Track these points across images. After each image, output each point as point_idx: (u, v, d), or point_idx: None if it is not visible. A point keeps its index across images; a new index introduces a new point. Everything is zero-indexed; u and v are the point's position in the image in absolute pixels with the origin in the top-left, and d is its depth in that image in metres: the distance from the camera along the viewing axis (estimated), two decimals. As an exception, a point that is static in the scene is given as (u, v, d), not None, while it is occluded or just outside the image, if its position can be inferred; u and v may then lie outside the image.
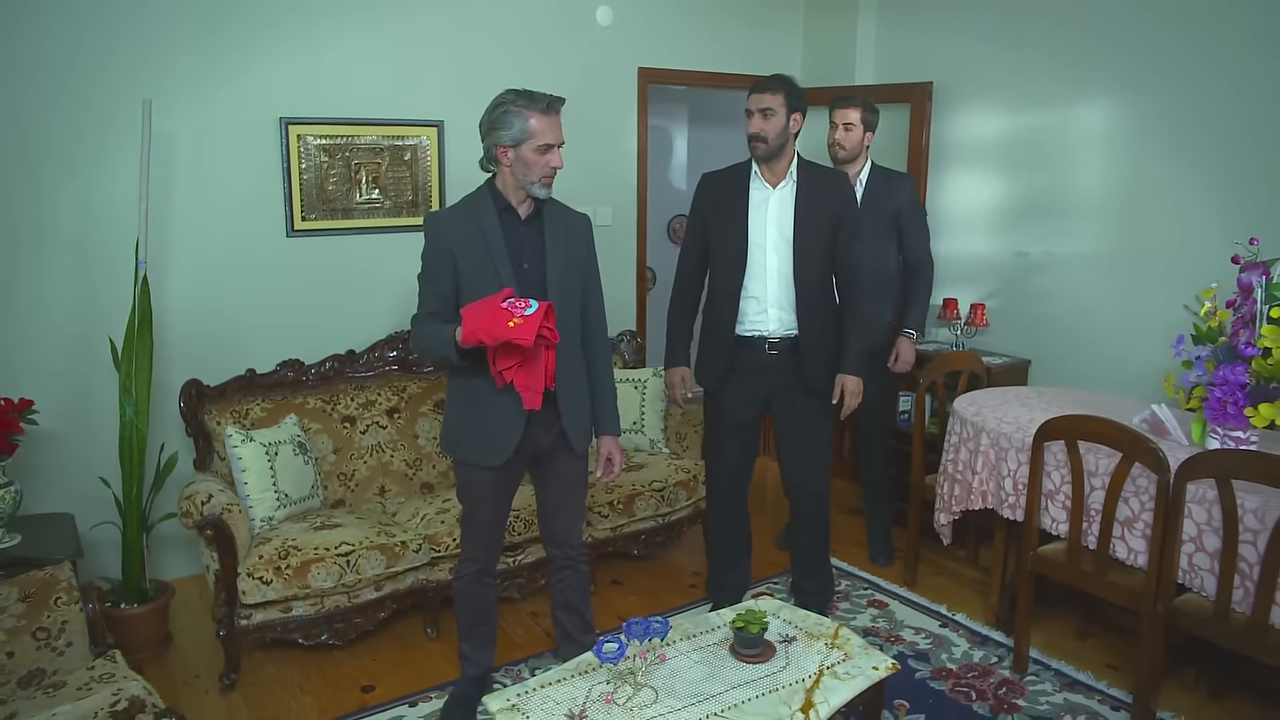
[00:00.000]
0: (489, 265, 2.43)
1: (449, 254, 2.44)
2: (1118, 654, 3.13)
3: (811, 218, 2.99)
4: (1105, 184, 3.88)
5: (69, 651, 2.29)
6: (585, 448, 2.67)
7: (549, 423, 2.56)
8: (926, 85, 4.41)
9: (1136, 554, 2.71)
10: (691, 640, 2.41)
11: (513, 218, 2.49)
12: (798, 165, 3.01)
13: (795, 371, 3.05)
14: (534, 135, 2.37)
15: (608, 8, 4.34)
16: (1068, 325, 4.04)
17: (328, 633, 3.05)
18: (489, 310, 2.24)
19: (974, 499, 3.24)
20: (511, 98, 2.39)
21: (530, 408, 2.41)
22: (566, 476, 2.68)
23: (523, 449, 2.55)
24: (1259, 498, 2.44)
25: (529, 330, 2.19)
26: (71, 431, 3.31)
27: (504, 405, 2.45)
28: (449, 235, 2.45)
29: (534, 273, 2.49)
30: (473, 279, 2.43)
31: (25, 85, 3.13)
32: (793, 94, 2.93)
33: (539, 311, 2.21)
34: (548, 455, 2.63)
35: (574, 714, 2.08)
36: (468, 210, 2.49)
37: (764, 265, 3.00)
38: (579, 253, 2.58)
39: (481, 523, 2.65)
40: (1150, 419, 2.99)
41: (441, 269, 2.46)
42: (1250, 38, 3.37)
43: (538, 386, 2.38)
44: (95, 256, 3.31)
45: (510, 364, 2.33)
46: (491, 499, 2.61)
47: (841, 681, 2.24)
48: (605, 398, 2.69)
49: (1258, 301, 2.72)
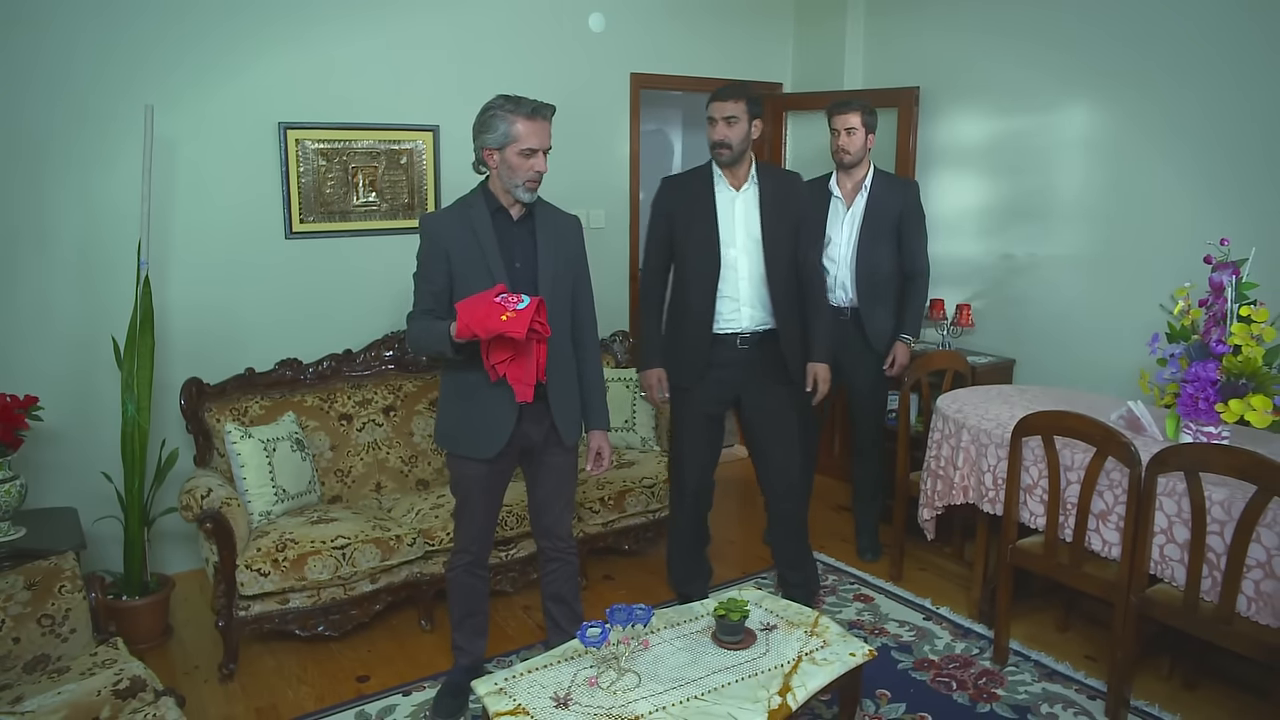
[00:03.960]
0: (482, 264, 2.51)
1: (443, 253, 2.53)
2: (1097, 646, 3.20)
3: (777, 218, 3.11)
4: (1087, 187, 3.96)
5: (72, 638, 2.37)
6: (574, 441, 2.74)
7: (539, 417, 2.63)
8: (913, 90, 4.50)
9: (1110, 546, 2.78)
10: (675, 628, 2.49)
11: (505, 218, 2.58)
12: (756, 168, 3.14)
13: (765, 364, 3.17)
14: (517, 139, 2.45)
15: (600, 14, 4.43)
16: (1050, 325, 4.12)
17: (324, 624, 3.13)
18: (483, 304, 2.33)
19: (956, 494, 3.31)
20: (500, 103, 2.48)
21: (522, 400, 2.49)
22: (556, 470, 2.75)
23: (513, 442, 2.63)
24: (1226, 490, 2.51)
25: (521, 324, 2.28)
26: (75, 428, 3.39)
27: (496, 399, 2.53)
28: (443, 235, 2.53)
29: (526, 271, 2.57)
30: (466, 278, 2.51)
31: (25, 86, 3.21)
32: (753, 100, 3.04)
33: (531, 306, 2.30)
34: (538, 449, 2.70)
35: (559, 697, 2.16)
36: (462, 211, 2.58)
37: (735, 266, 3.10)
38: (570, 252, 2.67)
39: (473, 515, 2.72)
40: (1127, 415, 3.06)
41: (436, 268, 2.54)
42: (1227, 45, 3.45)
43: (529, 380, 2.47)
44: (97, 257, 3.40)
45: (503, 358, 2.41)
46: (483, 491, 2.69)
47: (819, 667, 2.32)
48: (594, 392, 2.77)
49: (1228, 300, 2.80)
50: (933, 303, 4.44)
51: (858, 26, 4.84)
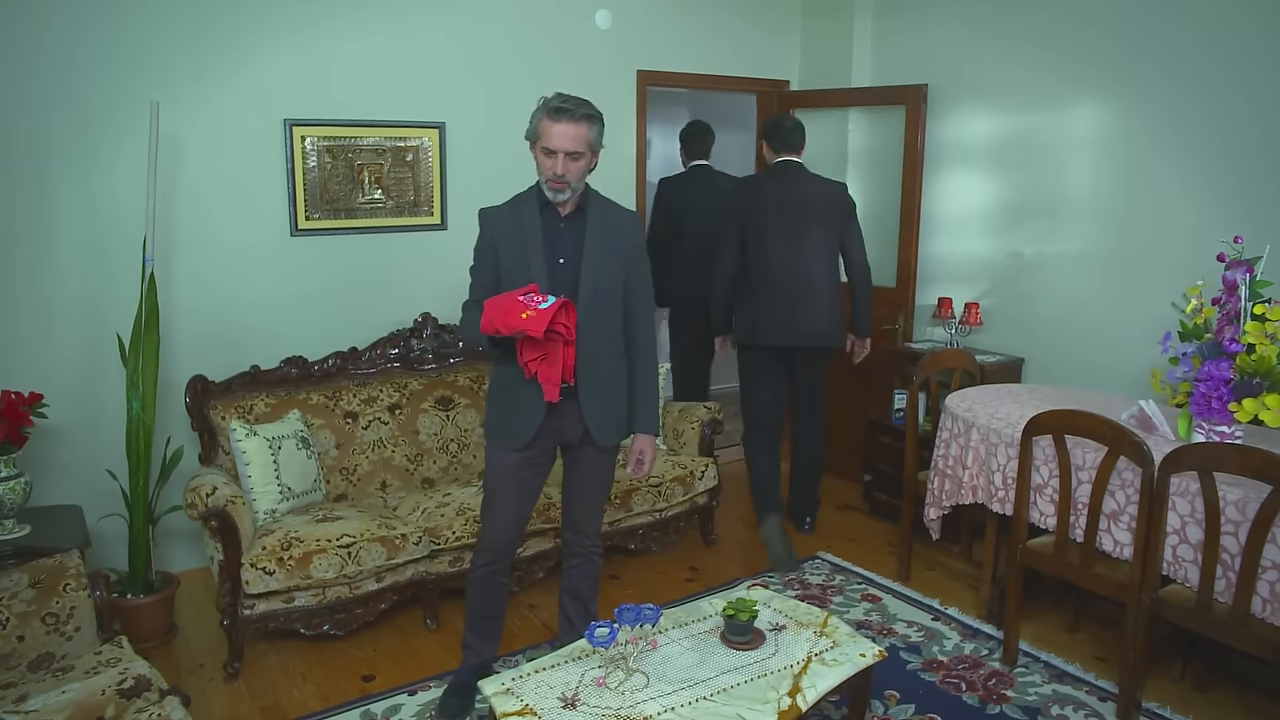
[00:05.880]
0: (524, 259, 2.53)
1: (492, 246, 2.57)
2: (1107, 646, 3.18)
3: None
4: (1097, 184, 3.93)
5: (77, 637, 2.35)
6: (611, 442, 2.71)
7: (575, 415, 2.63)
8: (922, 87, 4.47)
9: (1122, 546, 2.75)
10: (683, 628, 2.47)
11: (553, 214, 2.57)
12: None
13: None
14: (539, 137, 2.47)
15: (607, 11, 4.41)
16: (1060, 323, 4.09)
17: (329, 623, 3.12)
18: (507, 301, 2.37)
19: (964, 494, 3.29)
20: (543, 99, 2.49)
21: (549, 399, 2.50)
22: (590, 468, 2.75)
23: (547, 437, 2.63)
24: (1240, 490, 2.49)
25: (540, 323, 2.29)
26: (79, 425, 3.38)
27: (528, 392, 2.55)
28: (493, 229, 2.58)
29: (570, 267, 2.56)
30: (511, 271, 2.54)
31: (27, 83, 3.19)
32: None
33: (553, 306, 2.32)
34: (576, 445, 2.71)
35: (567, 697, 2.14)
36: (515, 206, 2.60)
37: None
38: (621, 249, 2.63)
39: (499, 507, 2.71)
40: (1138, 415, 3.03)
41: (486, 261, 2.59)
42: (1234, 47, 3.42)
43: (556, 380, 2.48)
44: (101, 254, 3.38)
45: (534, 356, 2.44)
46: (511, 482, 2.68)
47: (829, 668, 2.30)
48: (644, 395, 2.72)
49: (1242, 299, 2.77)
50: (941, 301, 4.42)
51: (865, 23, 4.81)
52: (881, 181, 4.77)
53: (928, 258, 4.62)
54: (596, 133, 2.49)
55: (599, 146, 2.52)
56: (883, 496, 4.36)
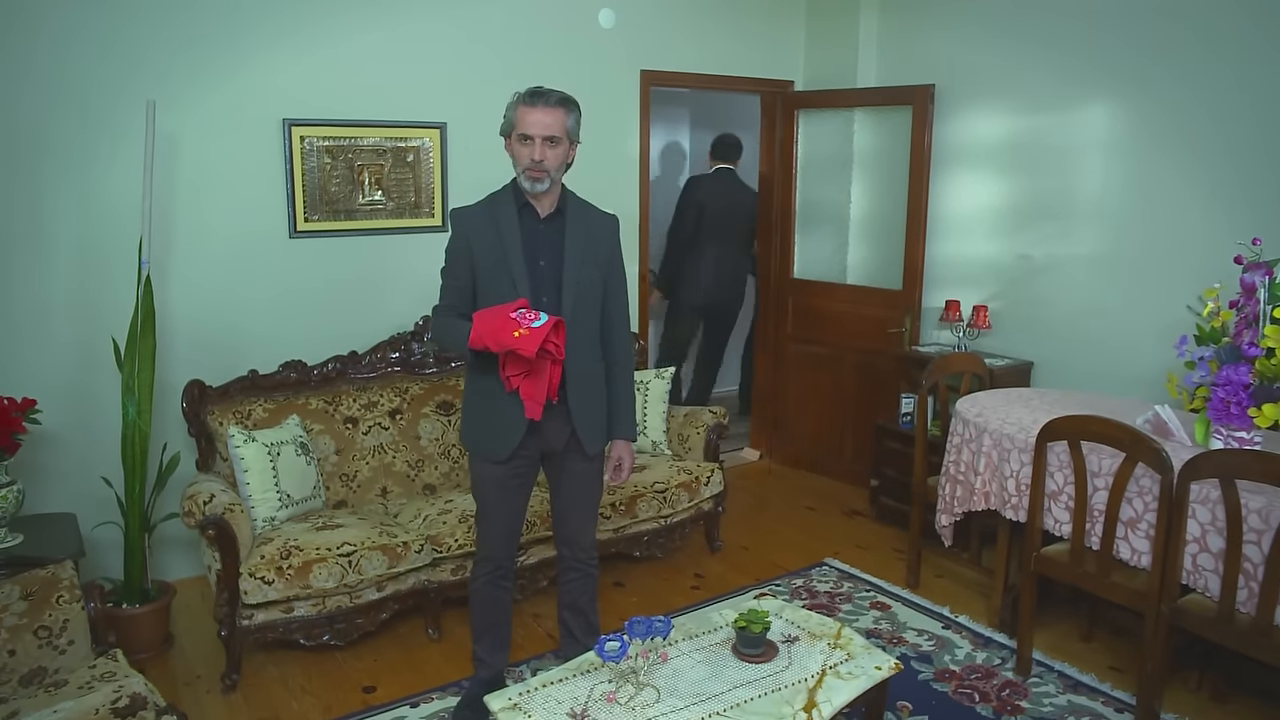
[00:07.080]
0: (503, 261, 2.45)
1: (467, 248, 2.48)
2: (1122, 656, 3.12)
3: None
4: (1107, 186, 3.88)
5: (70, 650, 2.29)
6: (597, 450, 2.66)
7: (561, 423, 2.56)
8: (929, 88, 4.41)
9: (1140, 555, 2.70)
10: (694, 640, 2.41)
11: (531, 215, 2.50)
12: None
13: None
14: (515, 125, 2.41)
15: (610, 10, 4.35)
16: (1070, 327, 4.04)
17: (329, 633, 3.05)
18: (498, 317, 2.28)
19: (976, 500, 3.23)
20: (516, 93, 2.45)
21: (530, 417, 2.42)
22: (578, 477, 2.67)
23: (531, 447, 2.56)
24: (1263, 498, 2.43)
25: (532, 342, 2.22)
26: (74, 431, 3.31)
27: (511, 404, 2.46)
28: (468, 229, 2.49)
29: (550, 270, 2.49)
30: (488, 274, 2.46)
31: (22, 82, 3.12)
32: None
33: (546, 325, 2.24)
34: (560, 456, 2.63)
35: (576, 713, 2.08)
36: (490, 206, 2.52)
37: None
38: (600, 251, 2.57)
39: (492, 518, 2.65)
40: (1153, 420, 2.98)
41: (460, 263, 2.50)
42: (1251, 41, 3.37)
43: (540, 398, 2.40)
44: (96, 256, 3.32)
45: (518, 371, 2.35)
46: (499, 493, 2.61)
47: (844, 681, 2.24)
48: (621, 401, 2.68)
49: (1260, 302, 2.72)
50: (948, 304, 4.37)
51: (871, 23, 4.76)
52: (888, 183, 4.72)
53: (935, 260, 4.56)
54: (574, 120, 2.45)
55: (576, 137, 2.47)
56: (890, 502, 4.30)
